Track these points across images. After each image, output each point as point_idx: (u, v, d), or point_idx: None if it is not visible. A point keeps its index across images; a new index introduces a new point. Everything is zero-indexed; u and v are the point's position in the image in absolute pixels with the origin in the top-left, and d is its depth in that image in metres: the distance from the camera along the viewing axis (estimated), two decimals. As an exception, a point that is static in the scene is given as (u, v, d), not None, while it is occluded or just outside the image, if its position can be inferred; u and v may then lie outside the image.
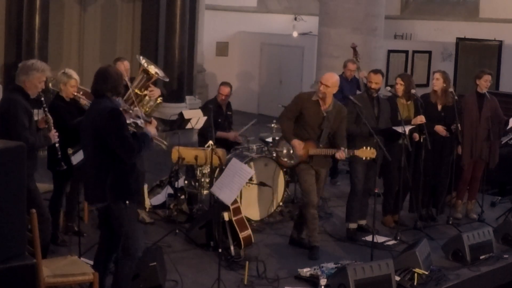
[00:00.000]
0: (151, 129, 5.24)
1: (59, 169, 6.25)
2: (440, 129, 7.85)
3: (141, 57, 7.34)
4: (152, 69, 7.21)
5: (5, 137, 5.05)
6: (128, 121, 5.22)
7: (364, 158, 6.78)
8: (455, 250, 6.95)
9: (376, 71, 7.69)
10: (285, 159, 6.97)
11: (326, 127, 6.73)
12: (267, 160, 7.89)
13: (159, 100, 7.35)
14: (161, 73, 7.37)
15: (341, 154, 6.66)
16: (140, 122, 5.28)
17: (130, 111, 5.40)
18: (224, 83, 8.53)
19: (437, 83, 7.92)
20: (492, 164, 8.36)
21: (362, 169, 7.39)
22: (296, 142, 6.74)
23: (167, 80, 7.81)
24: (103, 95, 5.09)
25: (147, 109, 7.23)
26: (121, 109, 5.29)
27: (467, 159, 8.26)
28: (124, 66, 7.40)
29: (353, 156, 6.78)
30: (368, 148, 6.70)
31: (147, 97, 7.19)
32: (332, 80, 6.71)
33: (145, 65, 7.10)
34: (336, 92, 6.86)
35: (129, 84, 5.99)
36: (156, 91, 7.31)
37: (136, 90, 7.04)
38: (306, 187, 6.85)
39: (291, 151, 6.88)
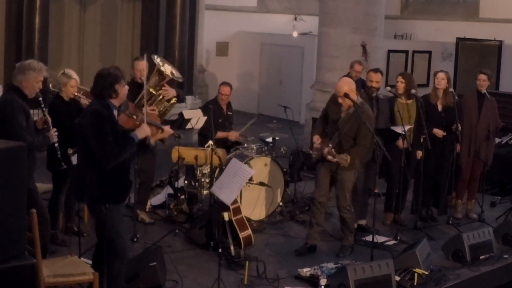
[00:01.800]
0: (141, 133, 5.11)
1: (59, 169, 6.26)
2: (438, 132, 7.87)
3: (155, 56, 7.36)
4: (168, 69, 7.22)
5: (3, 138, 5.04)
6: (129, 129, 5.15)
7: (341, 165, 6.58)
8: (455, 250, 6.95)
9: (375, 70, 7.70)
10: (313, 153, 6.94)
11: (341, 128, 6.67)
12: (267, 160, 7.90)
13: (173, 100, 7.36)
14: (176, 73, 7.39)
15: (324, 153, 6.56)
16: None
17: (134, 117, 5.29)
18: (224, 83, 8.54)
19: (442, 83, 7.93)
20: (488, 163, 8.38)
21: (361, 168, 7.41)
22: (315, 138, 6.80)
23: (181, 80, 7.81)
24: (97, 96, 5.09)
25: (161, 108, 7.25)
26: (126, 113, 5.24)
27: (465, 158, 8.30)
28: (141, 65, 7.38)
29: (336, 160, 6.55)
30: (344, 155, 6.49)
31: (160, 97, 7.21)
32: (343, 90, 6.59)
33: (160, 64, 7.13)
34: None
35: (145, 83, 5.95)
36: (171, 91, 7.31)
37: (151, 89, 7.07)
38: (315, 183, 7.00)
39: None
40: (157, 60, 7.22)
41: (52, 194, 6.74)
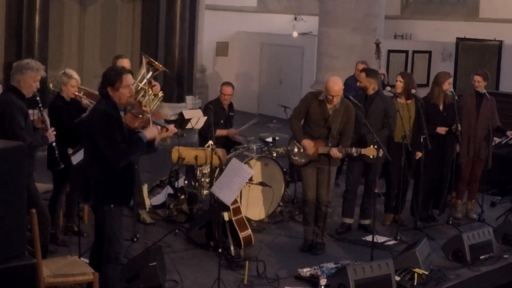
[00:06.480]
0: (150, 133, 5.08)
1: (57, 168, 6.26)
2: (441, 129, 7.88)
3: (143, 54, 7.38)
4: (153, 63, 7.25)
5: (2, 138, 5.03)
6: (135, 128, 5.09)
7: (371, 157, 6.80)
8: (455, 250, 6.95)
9: (362, 70, 7.94)
10: (296, 158, 6.94)
11: (334, 125, 6.73)
12: (267, 160, 7.90)
13: (160, 94, 7.38)
14: (160, 65, 7.43)
15: (335, 152, 6.65)
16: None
17: (140, 116, 5.22)
18: (226, 83, 8.53)
19: (449, 87, 7.98)
20: (488, 164, 8.39)
21: (358, 166, 7.56)
22: (306, 142, 6.76)
23: (167, 70, 7.85)
24: (103, 95, 5.06)
25: (152, 105, 7.23)
26: (132, 112, 5.19)
27: (464, 157, 8.31)
28: (124, 63, 7.35)
29: (360, 154, 6.79)
30: (372, 146, 6.74)
31: (150, 91, 7.19)
32: (334, 89, 6.68)
33: (146, 59, 7.14)
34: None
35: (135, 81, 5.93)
36: (158, 86, 7.36)
37: (140, 85, 7.05)
38: (303, 184, 7.00)
39: (302, 150, 6.87)
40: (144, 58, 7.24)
41: (52, 194, 6.75)
